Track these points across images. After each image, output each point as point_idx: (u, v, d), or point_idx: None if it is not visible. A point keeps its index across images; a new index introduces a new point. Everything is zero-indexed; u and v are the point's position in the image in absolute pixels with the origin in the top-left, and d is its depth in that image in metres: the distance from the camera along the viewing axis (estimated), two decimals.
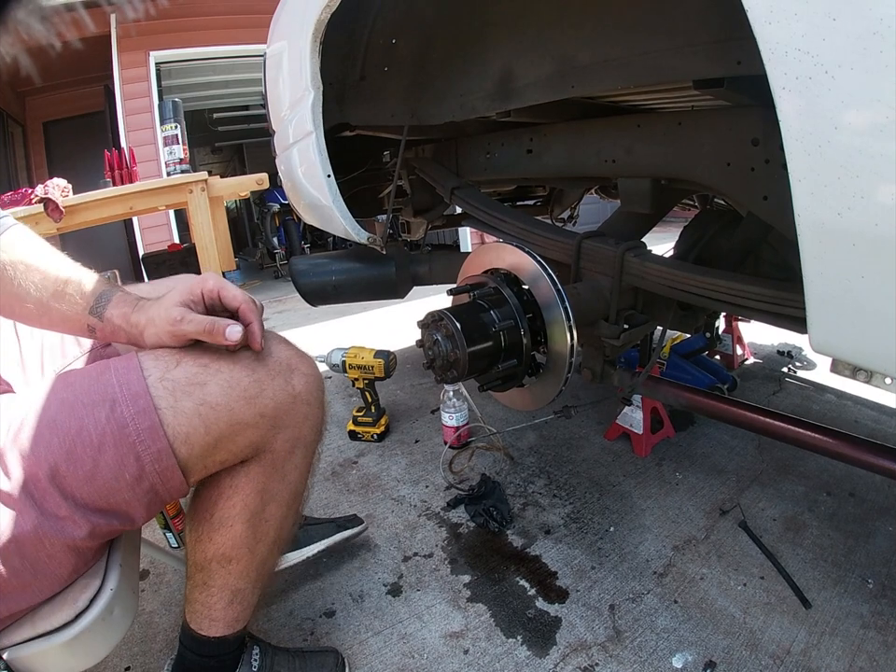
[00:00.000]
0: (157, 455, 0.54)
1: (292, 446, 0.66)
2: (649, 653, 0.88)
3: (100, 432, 0.53)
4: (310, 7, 1.03)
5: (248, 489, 0.65)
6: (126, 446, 0.53)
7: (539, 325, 0.85)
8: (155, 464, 0.54)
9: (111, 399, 0.54)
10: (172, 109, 2.02)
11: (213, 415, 0.57)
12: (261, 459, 0.64)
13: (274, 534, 0.70)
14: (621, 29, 0.78)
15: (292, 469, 0.68)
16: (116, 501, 0.54)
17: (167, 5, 3.89)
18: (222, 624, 0.70)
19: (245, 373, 0.60)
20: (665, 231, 1.71)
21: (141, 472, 0.54)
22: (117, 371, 0.57)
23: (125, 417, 0.54)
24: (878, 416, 1.55)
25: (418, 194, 1.59)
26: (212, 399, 0.57)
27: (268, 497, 0.66)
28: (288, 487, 0.69)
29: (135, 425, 0.54)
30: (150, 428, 0.54)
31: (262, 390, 0.60)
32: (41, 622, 0.52)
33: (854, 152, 0.43)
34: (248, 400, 0.59)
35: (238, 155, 8.93)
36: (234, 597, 0.69)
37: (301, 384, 0.64)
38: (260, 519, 0.67)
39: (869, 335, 0.48)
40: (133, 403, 0.54)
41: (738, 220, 1.01)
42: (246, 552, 0.67)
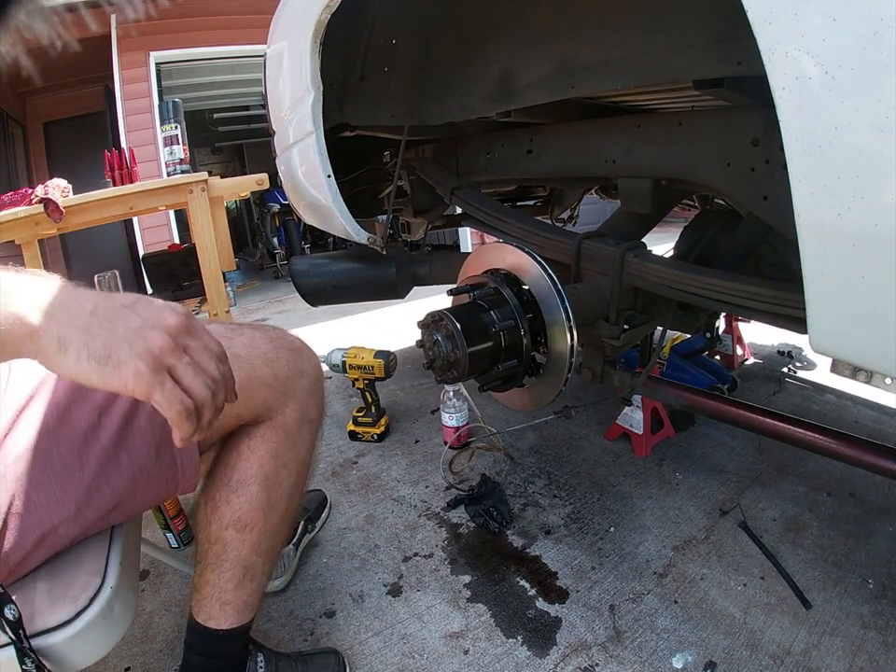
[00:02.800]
0: None
1: (300, 418, 0.73)
2: (649, 654, 0.88)
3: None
4: (310, 7, 1.03)
5: (263, 450, 0.70)
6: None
7: (539, 325, 0.85)
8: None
9: None
10: (172, 109, 2.02)
11: (236, 363, 0.58)
12: (274, 424, 0.71)
13: (286, 503, 0.74)
14: (621, 29, 0.78)
15: (301, 441, 0.75)
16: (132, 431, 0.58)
17: (167, 5, 3.89)
18: (232, 609, 0.71)
19: (265, 341, 0.71)
20: (665, 232, 1.71)
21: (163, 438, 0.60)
22: None
23: None
24: (878, 416, 1.55)
25: (418, 194, 1.59)
26: (237, 350, 0.66)
27: (280, 461, 0.72)
28: (298, 457, 0.75)
29: None
30: None
31: (278, 356, 0.70)
32: (41, 619, 0.52)
33: (854, 152, 0.43)
34: (266, 362, 0.69)
35: (238, 155, 8.92)
36: (246, 574, 0.71)
37: (307, 364, 0.75)
38: (274, 483, 0.71)
39: (869, 335, 0.48)
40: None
41: (738, 221, 1.01)
42: (262, 516, 0.71)
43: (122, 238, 4.52)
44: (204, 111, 6.19)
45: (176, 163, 1.96)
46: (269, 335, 0.72)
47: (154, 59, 4.11)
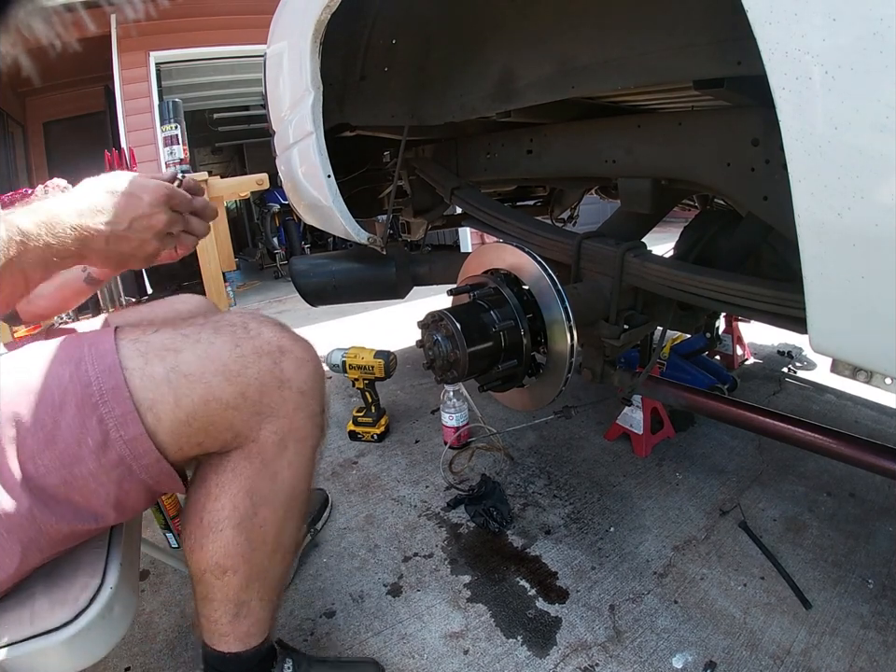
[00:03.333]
0: (121, 418, 0.50)
1: (281, 439, 0.60)
2: (649, 654, 0.88)
3: (62, 390, 0.49)
4: (310, 7, 1.03)
5: (235, 488, 0.59)
6: (88, 406, 0.50)
7: (539, 325, 0.85)
8: (120, 429, 0.50)
9: (77, 357, 0.51)
10: (172, 109, 2.02)
11: (185, 385, 0.52)
12: (246, 451, 0.59)
13: (272, 541, 0.64)
14: (621, 29, 0.78)
15: (285, 467, 0.61)
16: (81, 474, 0.50)
17: (167, 5, 3.89)
18: (232, 639, 0.65)
19: (227, 347, 0.55)
20: (665, 231, 1.71)
21: (105, 438, 0.50)
22: (90, 334, 0.54)
23: (89, 375, 0.50)
24: (878, 416, 1.55)
25: (418, 194, 1.59)
26: (185, 367, 0.53)
27: (258, 498, 0.60)
28: (282, 488, 0.62)
29: (99, 384, 0.50)
30: (114, 388, 0.50)
31: (245, 367, 0.55)
32: (40, 620, 0.52)
33: (854, 152, 0.43)
34: (228, 377, 0.54)
35: (238, 155, 8.92)
36: (239, 611, 0.64)
37: (291, 368, 0.59)
38: (252, 524, 0.61)
39: (869, 335, 0.48)
40: (98, 361, 0.51)
41: (738, 221, 1.01)
42: (242, 561, 0.61)
43: None
44: (204, 111, 6.19)
45: (176, 163, 1.96)
46: (235, 338, 0.56)
47: (154, 59, 4.11)
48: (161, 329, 0.56)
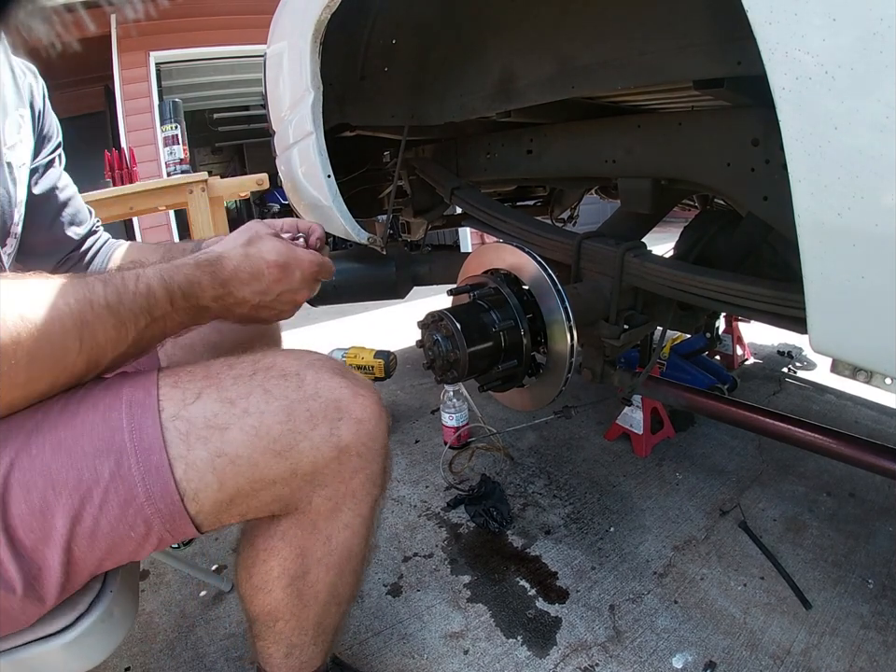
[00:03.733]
0: (169, 517, 0.47)
1: (336, 504, 0.56)
2: (649, 654, 0.88)
3: (103, 490, 0.45)
4: (310, 7, 1.03)
5: (286, 552, 0.56)
6: (133, 507, 0.46)
7: (539, 325, 0.85)
8: (166, 524, 0.48)
9: (118, 449, 0.45)
10: (172, 109, 2.02)
11: (230, 470, 0.48)
12: (296, 519, 0.56)
13: (326, 597, 0.61)
14: (621, 29, 0.78)
15: (340, 529, 0.57)
16: (118, 552, 0.48)
17: (167, 5, 3.89)
18: (285, 670, 0.64)
19: (277, 419, 0.50)
20: (665, 231, 1.71)
21: (148, 531, 0.47)
22: (129, 407, 0.47)
23: (133, 476, 0.45)
24: (878, 416, 1.55)
25: (418, 194, 1.59)
26: (232, 449, 0.48)
27: (310, 560, 0.57)
28: (336, 549, 0.58)
29: (146, 486, 0.45)
30: (163, 493, 0.46)
31: (297, 442, 0.50)
32: (40, 625, 0.51)
33: (854, 152, 0.43)
34: (277, 454, 0.49)
35: (238, 155, 8.91)
36: (291, 651, 0.63)
37: (350, 433, 0.53)
38: (304, 584, 0.58)
39: (869, 335, 0.48)
40: (143, 459, 0.45)
41: (738, 221, 1.01)
42: (292, 615, 0.60)
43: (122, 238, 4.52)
44: (204, 111, 6.19)
45: (176, 163, 1.96)
46: (288, 404, 0.50)
47: (154, 59, 4.11)
48: (202, 394, 0.49)
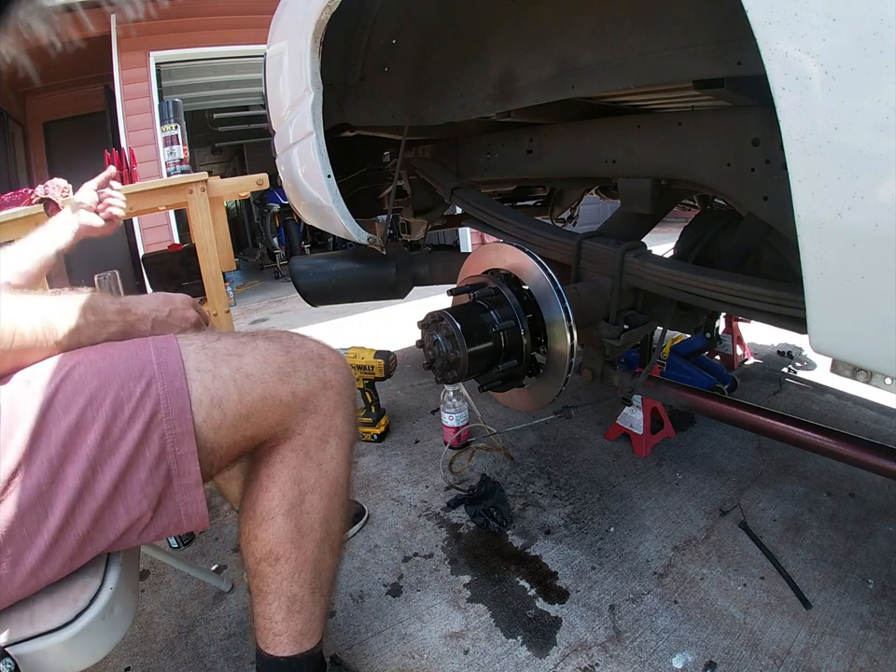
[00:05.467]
0: (179, 436, 0.56)
1: (324, 434, 0.68)
2: (649, 654, 0.88)
3: (133, 405, 0.55)
4: (310, 7, 1.03)
5: (284, 477, 0.66)
6: (154, 423, 0.56)
7: (539, 325, 0.85)
8: (175, 446, 0.56)
9: (149, 374, 0.57)
10: (172, 109, 2.01)
11: (248, 384, 0.61)
12: (293, 444, 0.66)
13: (321, 529, 0.69)
14: (621, 30, 0.78)
15: (328, 459, 0.69)
16: (131, 481, 0.55)
17: (167, 5, 3.89)
18: (286, 639, 0.68)
19: (280, 353, 0.65)
20: (665, 231, 1.71)
21: (162, 451, 0.56)
22: (156, 348, 0.59)
23: (159, 395, 0.56)
24: (878, 416, 1.55)
25: (418, 195, 1.59)
26: (248, 368, 0.62)
27: (305, 486, 0.67)
28: (326, 478, 0.69)
29: (167, 404, 0.56)
30: (180, 410, 0.56)
31: (296, 370, 0.65)
32: (41, 621, 0.52)
33: (854, 152, 0.43)
34: (282, 377, 0.64)
35: (238, 155, 8.93)
36: (292, 605, 0.67)
37: (331, 372, 0.68)
38: (301, 511, 0.67)
39: (869, 335, 0.48)
40: (167, 382, 0.57)
41: (738, 221, 1.01)
42: (292, 548, 0.66)
43: (122, 238, 4.51)
44: (204, 111, 6.20)
45: (176, 163, 1.96)
46: (285, 345, 0.67)
47: (154, 59, 4.11)
48: (221, 337, 0.64)
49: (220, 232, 1.92)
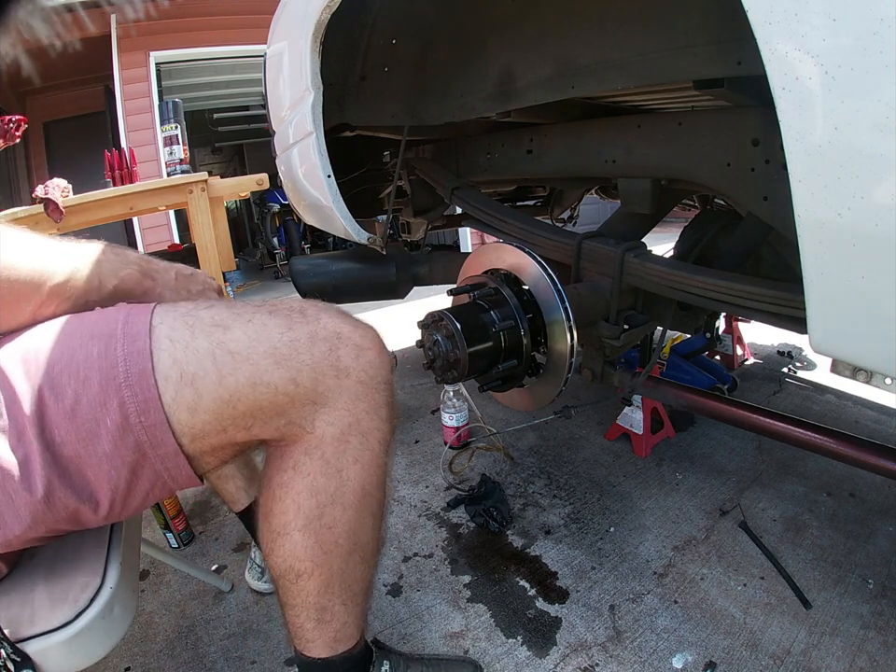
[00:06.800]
0: (143, 404, 0.48)
1: (342, 432, 0.57)
2: (649, 654, 0.88)
3: (88, 366, 0.48)
4: (310, 7, 1.03)
5: (298, 486, 0.57)
6: (112, 387, 0.48)
7: (539, 325, 0.85)
8: (140, 415, 0.48)
9: (108, 334, 0.50)
10: (172, 109, 2.01)
11: (229, 363, 0.50)
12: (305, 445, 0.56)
13: (347, 543, 0.60)
14: (621, 30, 0.78)
15: (350, 464, 0.58)
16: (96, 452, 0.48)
17: (167, 5, 3.89)
18: (321, 644, 0.63)
19: (278, 329, 0.53)
20: (665, 231, 1.71)
21: (125, 422, 0.48)
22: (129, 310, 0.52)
23: (117, 355, 0.48)
24: (878, 416, 1.55)
25: (418, 194, 1.59)
26: (232, 344, 0.51)
27: (323, 497, 0.57)
28: (349, 486, 0.58)
29: (126, 365, 0.48)
30: (140, 373, 0.48)
31: (297, 351, 0.53)
32: (40, 620, 0.52)
33: (854, 152, 0.43)
34: (277, 360, 0.52)
35: (238, 155, 8.92)
36: (322, 616, 0.61)
37: (350, 356, 0.56)
38: (321, 525, 0.58)
39: (869, 335, 0.48)
40: (129, 342, 0.49)
41: (738, 221, 1.01)
42: (314, 565, 0.59)
43: (122, 238, 4.51)
44: (204, 111, 6.20)
45: (176, 163, 1.96)
46: (289, 321, 0.54)
47: (154, 59, 4.11)
48: (214, 305, 0.54)
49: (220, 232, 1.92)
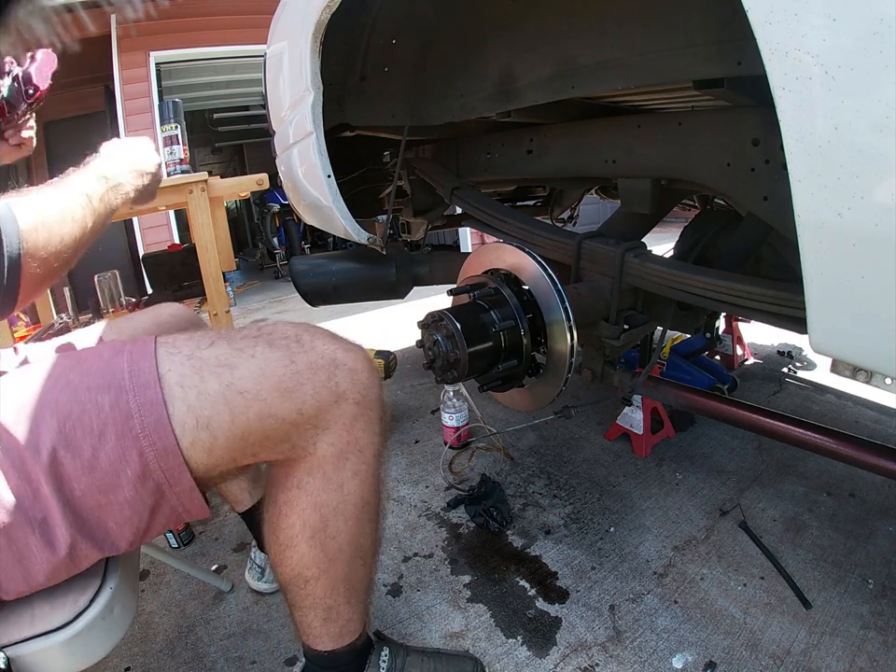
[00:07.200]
0: (162, 451, 0.51)
1: (342, 451, 0.60)
2: (649, 654, 0.88)
3: (102, 420, 0.50)
4: (310, 7, 1.03)
5: (303, 503, 0.61)
6: (129, 439, 0.50)
7: (539, 325, 0.85)
8: (160, 461, 0.51)
9: (118, 385, 0.51)
10: (172, 109, 2.01)
11: (240, 402, 0.53)
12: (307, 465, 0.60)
13: (350, 549, 0.64)
14: (621, 30, 0.78)
15: (349, 478, 0.62)
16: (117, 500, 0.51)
17: (167, 5, 3.89)
18: (327, 639, 0.67)
19: (282, 363, 0.56)
20: (665, 231, 1.71)
21: (145, 469, 0.51)
22: (130, 355, 0.54)
23: (130, 407, 0.50)
24: (878, 416, 1.55)
25: (418, 194, 1.59)
26: (241, 383, 0.53)
27: (327, 510, 0.61)
28: (350, 498, 0.63)
29: (140, 417, 0.50)
30: (157, 422, 0.50)
31: (300, 384, 0.56)
32: (41, 621, 0.52)
33: (854, 152, 0.43)
34: (284, 393, 0.55)
35: (238, 155, 8.93)
36: (328, 615, 0.66)
37: (346, 381, 0.59)
38: (325, 535, 0.62)
39: (869, 335, 0.48)
40: (140, 393, 0.51)
41: (738, 221, 1.01)
42: (320, 571, 0.63)
43: (122, 238, 4.52)
44: (204, 111, 6.20)
45: (176, 163, 1.96)
46: (290, 354, 0.57)
47: (154, 59, 4.11)
48: (215, 343, 0.56)
49: (220, 232, 1.91)
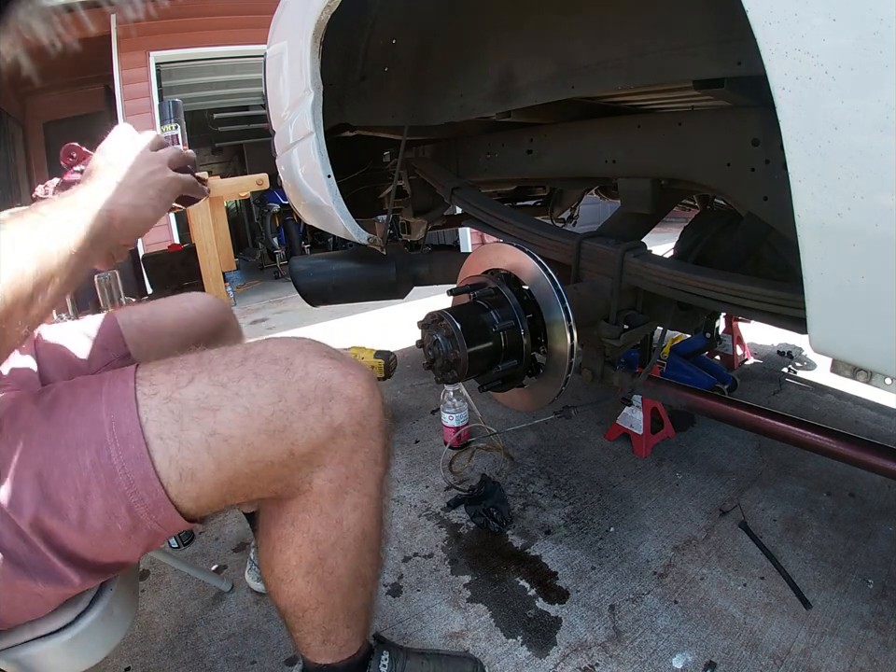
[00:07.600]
0: (153, 506, 0.48)
1: (340, 486, 0.56)
2: (649, 654, 0.88)
3: (84, 479, 0.46)
4: (310, 7, 1.03)
5: (298, 540, 0.58)
6: (116, 496, 0.47)
7: (539, 325, 0.85)
8: (152, 514, 0.49)
9: (98, 440, 0.47)
10: (172, 109, 2.01)
11: (226, 450, 0.49)
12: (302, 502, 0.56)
13: (349, 579, 0.62)
14: (621, 29, 0.78)
15: (349, 512, 0.58)
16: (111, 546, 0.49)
17: (167, 5, 3.89)
18: (326, 656, 0.66)
19: (269, 401, 0.51)
20: (665, 231, 1.71)
21: (136, 523, 0.48)
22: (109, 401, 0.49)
23: (113, 464, 0.47)
24: (878, 416, 1.55)
25: (418, 194, 1.59)
26: (225, 429, 0.49)
27: (324, 546, 0.58)
28: (350, 532, 0.59)
29: (126, 473, 0.47)
30: (143, 479, 0.47)
31: (290, 423, 0.51)
32: (41, 623, 0.52)
33: (854, 152, 0.42)
34: (272, 434, 0.50)
35: (238, 155, 8.92)
36: (327, 637, 0.64)
37: (342, 412, 0.54)
38: (323, 570, 0.59)
39: (869, 335, 0.48)
40: (122, 447, 0.47)
41: (738, 221, 1.01)
42: (318, 603, 0.61)
43: None
44: (204, 111, 6.19)
45: None
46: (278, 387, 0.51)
47: (154, 59, 4.11)
48: (195, 378, 0.51)
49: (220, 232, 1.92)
